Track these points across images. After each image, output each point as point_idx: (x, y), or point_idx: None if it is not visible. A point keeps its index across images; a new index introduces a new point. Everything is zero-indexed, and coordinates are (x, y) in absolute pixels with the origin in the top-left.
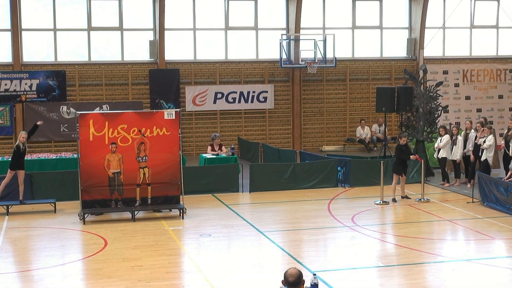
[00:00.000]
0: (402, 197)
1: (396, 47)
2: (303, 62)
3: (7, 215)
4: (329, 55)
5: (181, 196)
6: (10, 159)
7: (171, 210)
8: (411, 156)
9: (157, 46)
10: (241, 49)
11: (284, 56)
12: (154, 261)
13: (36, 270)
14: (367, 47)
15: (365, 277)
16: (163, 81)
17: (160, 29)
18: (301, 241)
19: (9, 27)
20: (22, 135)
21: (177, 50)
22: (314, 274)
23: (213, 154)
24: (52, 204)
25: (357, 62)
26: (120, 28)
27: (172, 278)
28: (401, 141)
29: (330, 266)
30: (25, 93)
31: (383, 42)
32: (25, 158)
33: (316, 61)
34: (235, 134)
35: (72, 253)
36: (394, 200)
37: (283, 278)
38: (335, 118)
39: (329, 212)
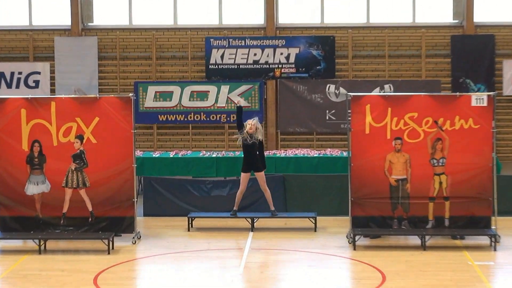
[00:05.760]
0: None
1: None
2: None
3: (252, 231)
4: None
5: (493, 218)
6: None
7: (474, 236)
8: None
9: (464, 3)
10: None
11: None
12: None
13: None
14: None
15: None
16: (470, 53)
17: None
18: None
19: None
20: (250, 125)
21: (490, 9)
22: None
23: None
24: (311, 219)
25: None
26: None
27: None
28: None
29: None
30: (279, 66)
31: None
32: (275, 155)
33: None
34: None
35: None
36: None
37: None
38: None
39: None
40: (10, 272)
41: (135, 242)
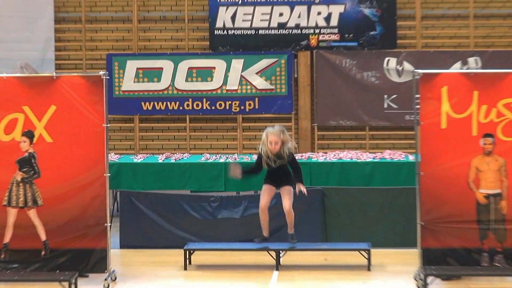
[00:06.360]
0: None
1: None
2: None
3: (277, 270)
4: None
5: None
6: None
7: None
8: None
9: None
10: None
11: None
12: None
13: None
14: None
15: None
16: None
17: None
18: None
19: None
20: (273, 139)
21: None
22: None
23: None
24: (363, 252)
25: None
26: None
27: None
28: None
29: None
30: (316, 31)
31: None
32: (310, 159)
33: None
34: None
35: None
36: None
37: None
38: None
39: None
40: None
41: (108, 285)
